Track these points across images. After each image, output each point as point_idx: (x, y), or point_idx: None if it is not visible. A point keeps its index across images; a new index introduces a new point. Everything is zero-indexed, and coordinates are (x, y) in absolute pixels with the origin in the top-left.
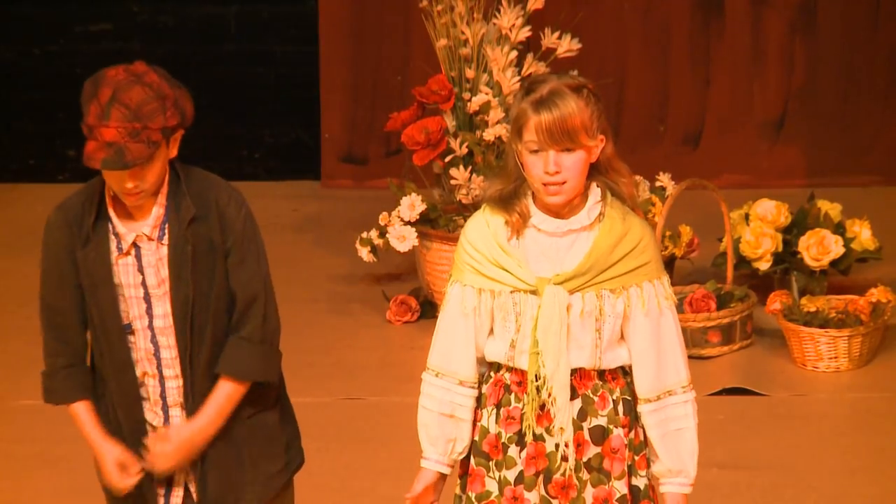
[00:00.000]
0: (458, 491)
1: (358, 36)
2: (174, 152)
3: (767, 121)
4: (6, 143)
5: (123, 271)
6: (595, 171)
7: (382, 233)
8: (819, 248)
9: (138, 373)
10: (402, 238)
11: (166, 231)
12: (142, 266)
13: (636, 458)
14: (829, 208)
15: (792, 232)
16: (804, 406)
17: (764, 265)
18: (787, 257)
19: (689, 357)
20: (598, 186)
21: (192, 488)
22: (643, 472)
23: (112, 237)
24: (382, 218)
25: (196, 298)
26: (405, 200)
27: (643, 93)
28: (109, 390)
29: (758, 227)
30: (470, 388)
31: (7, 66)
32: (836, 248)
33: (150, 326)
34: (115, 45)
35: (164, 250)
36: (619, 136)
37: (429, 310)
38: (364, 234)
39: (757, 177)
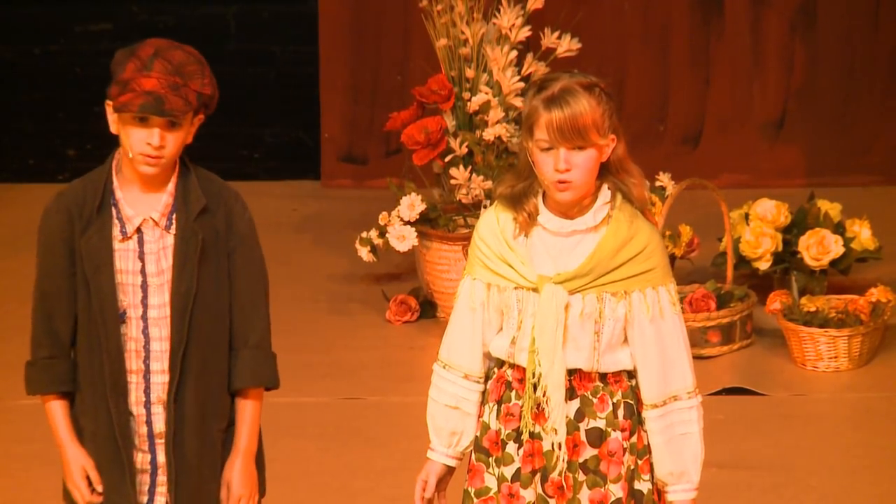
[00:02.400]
0: (465, 486)
1: (358, 35)
2: (190, 138)
3: (767, 120)
4: (6, 143)
5: (122, 257)
6: (606, 171)
7: (382, 232)
8: (819, 248)
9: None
10: (402, 238)
11: (174, 220)
12: (143, 253)
13: (639, 462)
14: (829, 208)
15: (792, 232)
16: (804, 406)
17: (764, 265)
18: (786, 257)
19: None
20: (608, 188)
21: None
22: (647, 477)
23: (116, 221)
24: (382, 218)
25: (198, 293)
26: (405, 200)
27: (643, 92)
28: (101, 381)
29: (757, 227)
30: (475, 382)
31: (7, 65)
32: (835, 247)
33: (144, 316)
34: (115, 44)
35: (170, 240)
36: None
37: (428, 309)
38: (364, 234)
39: (757, 176)
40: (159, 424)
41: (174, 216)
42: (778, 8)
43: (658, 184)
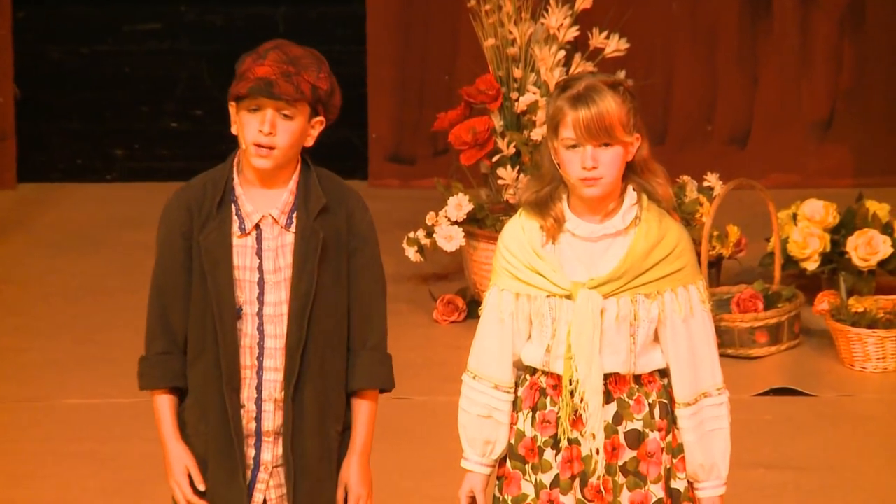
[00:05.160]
0: (496, 492)
1: (405, 35)
2: (310, 141)
3: (815, 120)
4: (54, 143)
5: (240, 253)
6: (631, 171)
7: (429, 232)
8: (867, 249)
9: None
10: (449, 238)
11: (294, 219)
12: (261, 250)
13: (674, 461)
14: (878, 208)
15: (840, 232)
16: (852, 406)
17: (811, 265)
18: (834, 257)
19: (737, 357)
20: (633, 190)
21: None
22: (682, 475)
23: (235, 218)
24: (429, 218)
25: (318, 293)
26: (452, 200)
27: (691, 92)
28: (214, 377)
29: (805, 227)
30: (506, 392)
31: (55, 65)
32: (884, 248)
33: (259, 313)
34: (163, 44)
35: (290, 238)
36: (666, 135)
37: (475, 310)
38: (411, 234)
39: (805, 176)
40: (268, 422)
41: (294, 214)
42: (826, 7)
43: (706, 184)
